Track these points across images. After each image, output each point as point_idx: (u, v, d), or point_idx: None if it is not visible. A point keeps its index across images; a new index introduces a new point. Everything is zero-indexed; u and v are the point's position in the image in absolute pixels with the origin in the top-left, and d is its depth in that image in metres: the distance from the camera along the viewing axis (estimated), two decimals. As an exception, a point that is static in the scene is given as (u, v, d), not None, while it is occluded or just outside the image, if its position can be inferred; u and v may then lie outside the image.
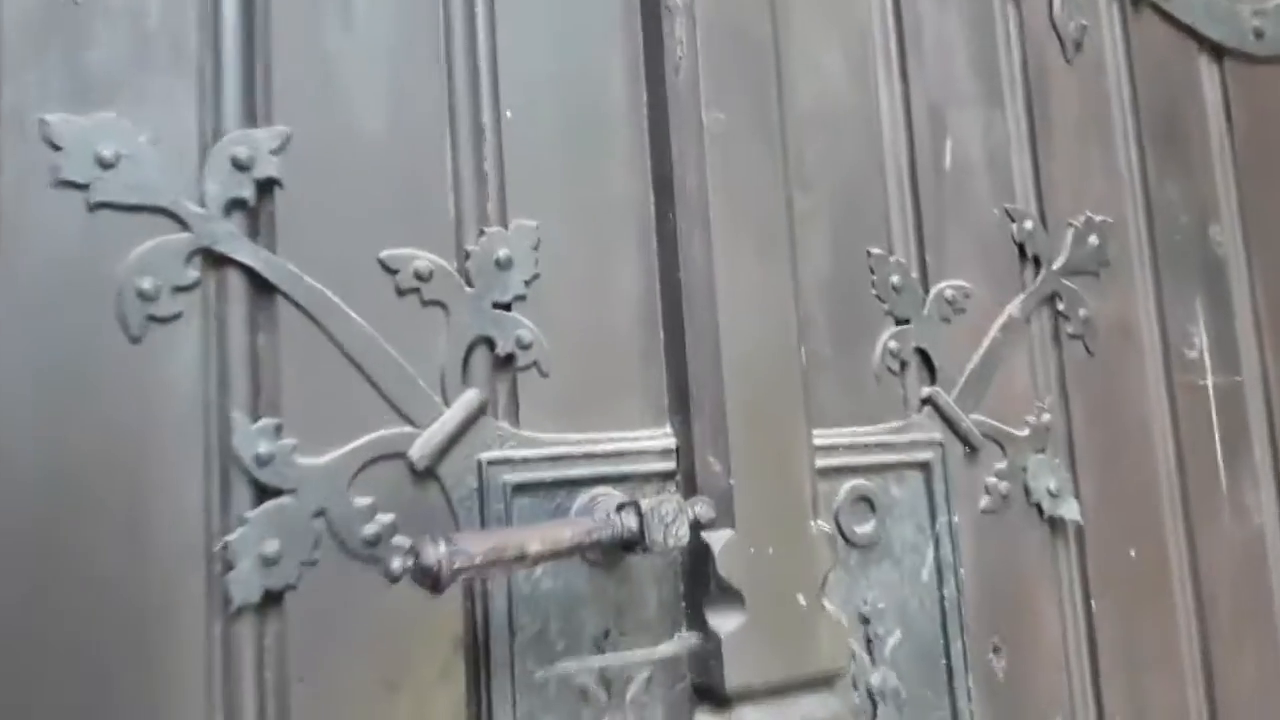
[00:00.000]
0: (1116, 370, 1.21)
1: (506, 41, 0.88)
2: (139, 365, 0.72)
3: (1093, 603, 1.13)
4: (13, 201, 0.70)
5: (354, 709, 0.75)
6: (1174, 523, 1.22)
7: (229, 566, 0.73)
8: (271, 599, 0.74)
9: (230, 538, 0.73)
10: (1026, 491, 1.11)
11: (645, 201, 0.93)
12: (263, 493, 0.75)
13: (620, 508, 0.80)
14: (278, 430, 0.76)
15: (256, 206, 0.77)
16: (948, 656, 1.01)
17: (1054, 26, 1.24)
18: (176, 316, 0.73)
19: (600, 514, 0.80)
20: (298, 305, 0.77)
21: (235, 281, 0.76)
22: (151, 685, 0.71)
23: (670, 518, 0.80)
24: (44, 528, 0.68)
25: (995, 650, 1.06)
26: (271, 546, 0.74)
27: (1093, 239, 1.21)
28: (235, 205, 0.76)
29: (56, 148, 0.72)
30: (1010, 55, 1.21)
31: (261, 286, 0.77)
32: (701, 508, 0.83)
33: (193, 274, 0.74)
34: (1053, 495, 1.12)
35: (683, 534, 0.80)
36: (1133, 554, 1.18)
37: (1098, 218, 1.22)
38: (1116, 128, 1.28)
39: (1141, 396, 1.23)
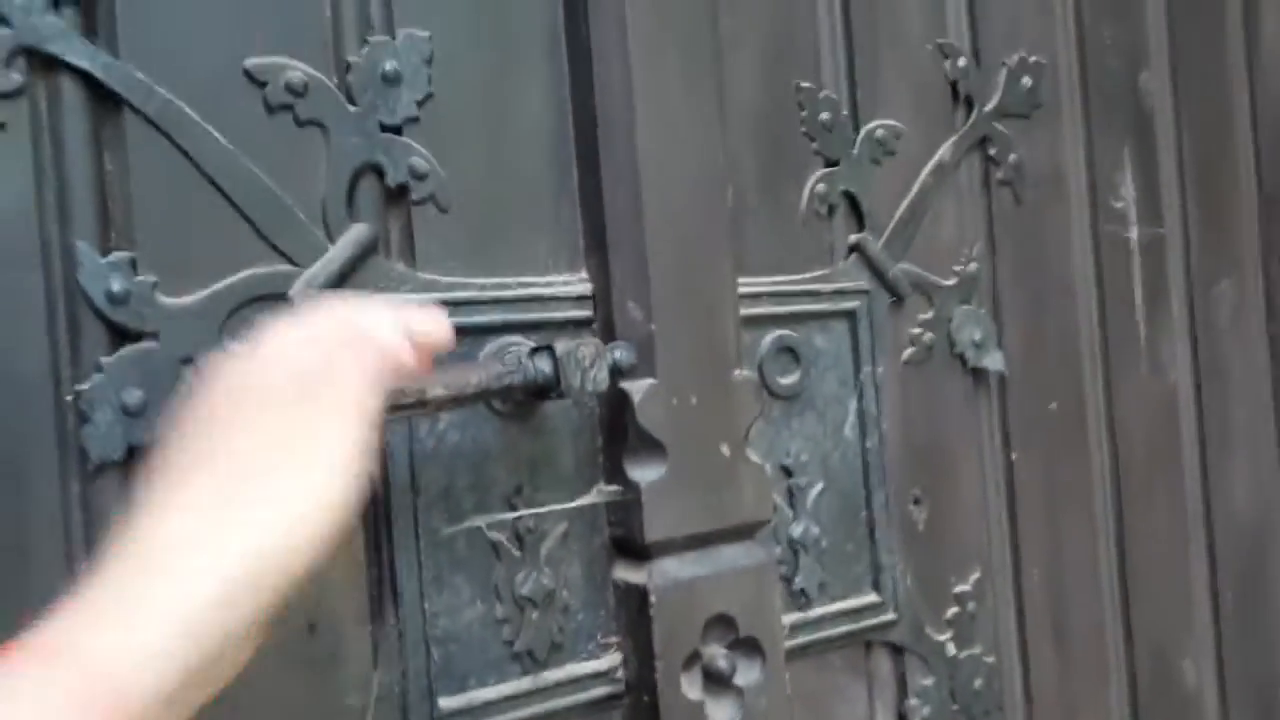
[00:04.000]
0: (1043, 219, 1.18)
1: None
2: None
3: (1013, 455, 1.13)
4: None
5: (238, 572, 0.68)
6: (1093, 376, 1.22)
7: (84, 419, 0.64)
8: (138, 455, 0.66)
9: (83, 387, 0.64)
10: (951, 342, 1.07)
11: (556, 10, 0.83)
12: (120, 336, 0.66)
13: (534, 352, 0.73)
14: (132, 265, 0.66)
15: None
16: (869, 508, 0.99)
17: None
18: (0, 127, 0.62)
19: (511, 359, 0.73)
20: (148, 120, 0.66)
21: (71, 89, 0.65)
22: (3, 555, 0.63)
23: (588, 362, 0.73)
24: None
25: (916, 501, 1.04)
26: (134, 396, 0.65)
27: (1026, 80, 1.15)
28: (64, -4, 0.64)
29: None
30: (949, -122, 1.12)
31: (104, 96, 0.66)
32: (622, 353, 0.77)
33: (16, 77, 0.62)
34: (977, 346, 1.09)
35: (602, 379, 0.74)
36: (1053, 407, 1.17)
37: (1031, 58, 1.16)
38: (1053, -36, 1.21)
39: (1066, 248, 1.20)
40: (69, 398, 0.64)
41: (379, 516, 0.74)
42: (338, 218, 0.73)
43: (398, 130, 0.76)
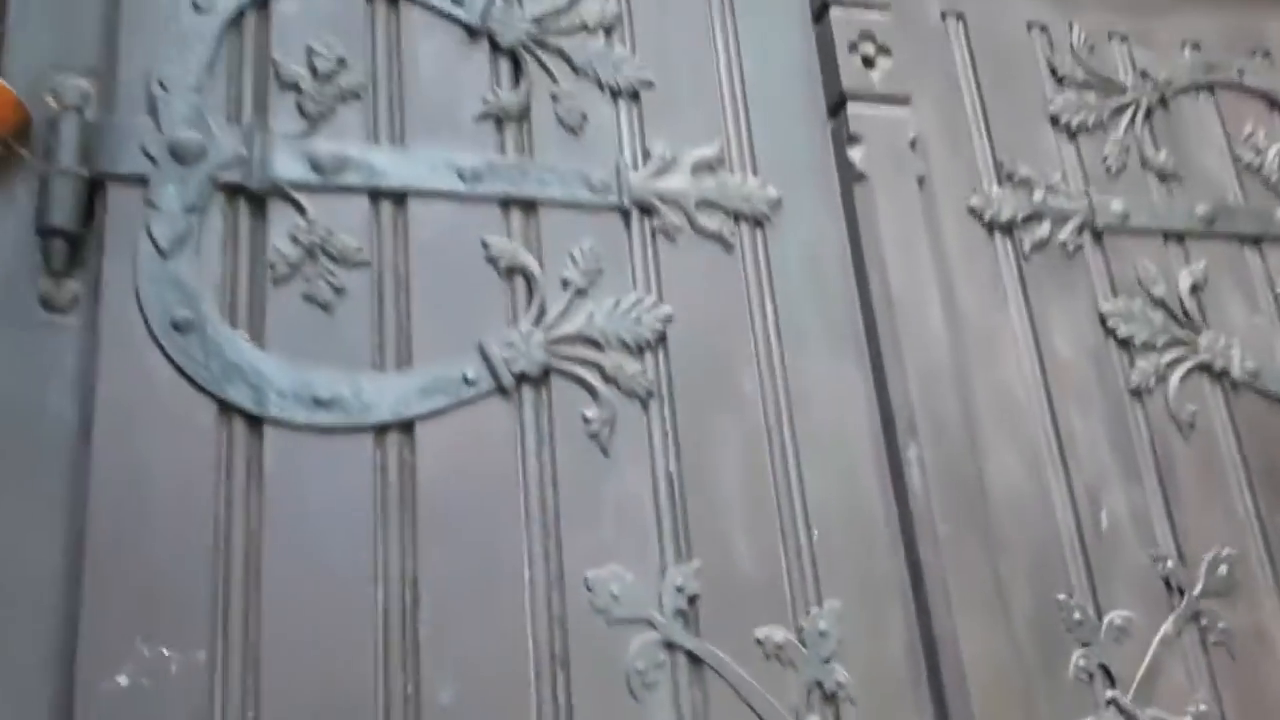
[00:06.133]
0: (1256, 666, 1.62)
1: (813, 499, 1.47)
2: (643, 712, 1.29)
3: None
4: (577, 627, 1.30)
5: None
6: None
7: None
8: None
9: None
10: (1194, 764, 1.52)
11: (906, 582, 1.48)
12: None
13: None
14: (710, 744, 1.31)
15: (690, 611, 1.36)
16: None
17: (1171, 415, 1.75)
18: (658, 682, 1.31)
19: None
20: (713, 668, 1.34)
21: (682, 657, 1.34)
22: None
23: None
24: None
25: None
26: None
27: (1222, 568, 1.66)
28: (680, 613, 1.35)
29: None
30: (1140, 440, 1.72)
31: (696, 660, 1.34)
32: (966, 792, 1.31)
33: (663, 657, 1.32)
34: (1217, 770, 1.52)
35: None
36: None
37: (1224, 551, 1.67)
38: (1231, 480, 1.75)
39: (1278, 683, 1.62)
40: (683, 820, 1.27)
41: None
42: (803, 711, 1.36)
43: (828, 660, 1.39)
